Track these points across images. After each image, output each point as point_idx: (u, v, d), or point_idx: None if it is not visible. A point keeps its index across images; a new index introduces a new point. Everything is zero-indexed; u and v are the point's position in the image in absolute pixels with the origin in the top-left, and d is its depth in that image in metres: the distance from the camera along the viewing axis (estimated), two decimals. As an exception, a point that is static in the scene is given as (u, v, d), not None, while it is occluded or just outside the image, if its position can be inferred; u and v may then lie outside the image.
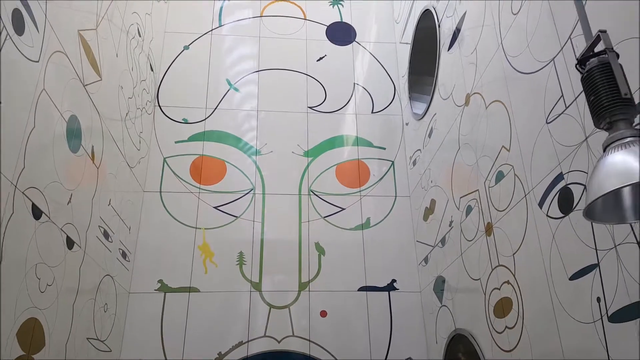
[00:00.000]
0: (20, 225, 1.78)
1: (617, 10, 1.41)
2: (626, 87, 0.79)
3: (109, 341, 2.73)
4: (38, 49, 1.92)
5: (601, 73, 0.80)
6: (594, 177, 0.77)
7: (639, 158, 0.69)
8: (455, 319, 2.63)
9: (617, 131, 0.80)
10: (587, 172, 1.53)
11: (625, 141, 0.76)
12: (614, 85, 0.78)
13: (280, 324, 3.08)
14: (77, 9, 2.31)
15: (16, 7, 1.77)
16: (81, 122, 2.33)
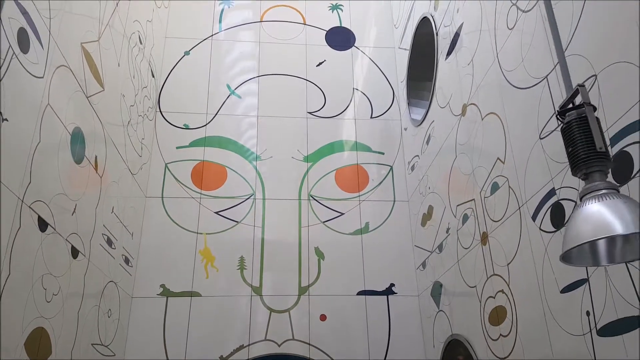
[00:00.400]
0: (27, 239, 1.83)
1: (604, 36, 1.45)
2: (601, 141, 0.84)
3: (112, 346, 2.79)
4: (42, 65, 1.97)
5: (579, 126, 0.84)
6: (571, 226, 0.81)
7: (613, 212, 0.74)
8: (452, 324, 2.69)
9: (593, 182, 0.84)
10: (578, 189, 1.58)
11: (600, 193, 0.81)
12: (590, 138, 0.83)
13: (280, 328, 3.14)
14: (79, 21, 2.35)
15: (21, 26, 1.81)
16: (84, 133, 2.38)
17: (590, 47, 1.54)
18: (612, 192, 0.82)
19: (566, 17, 1.66)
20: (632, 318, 1.33)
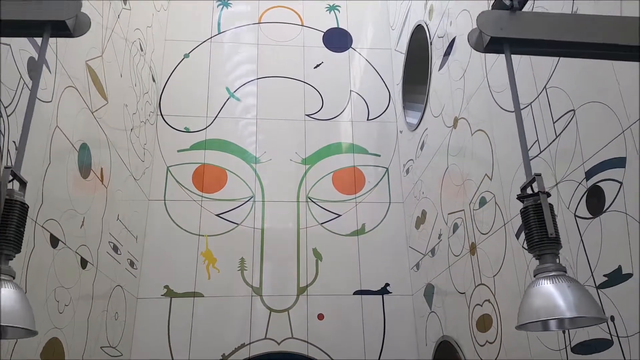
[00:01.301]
0: (40, 257, 1.94)
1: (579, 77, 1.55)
2: (552, 228, 0.94)
3: (120, 346, 2.92)
4: (51, 89, 2.06)
5: (534, 212, 0.95)
6: (526, 302, 0.93)
7: (561, 295, 0.85)
8: (443, 325, 2.82)
9: (545, 264, 0.95)
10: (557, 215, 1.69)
11: (550, 274, 0.92)
12: (543, 225, 0.94)
13: (280, 327, 3.28)
14: (84, 39, 2.43)
15: (31, 56, 1.90)
16: (90, 147, 2.48)
17: (570, 83, 1.63)
18: (561, 274, 0.93)
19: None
20: (603, 340, 1.45)
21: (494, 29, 0.97)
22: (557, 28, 1.01)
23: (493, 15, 0.99)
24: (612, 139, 1.42)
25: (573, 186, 1.60)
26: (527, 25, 1.01)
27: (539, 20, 1.07)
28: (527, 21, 1.01)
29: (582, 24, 1.01)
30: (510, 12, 1.00)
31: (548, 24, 1.04)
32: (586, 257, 1.53)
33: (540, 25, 1.03)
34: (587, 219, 1.53)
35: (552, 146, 1.73)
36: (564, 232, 1.65)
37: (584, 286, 0.93)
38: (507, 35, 0.99)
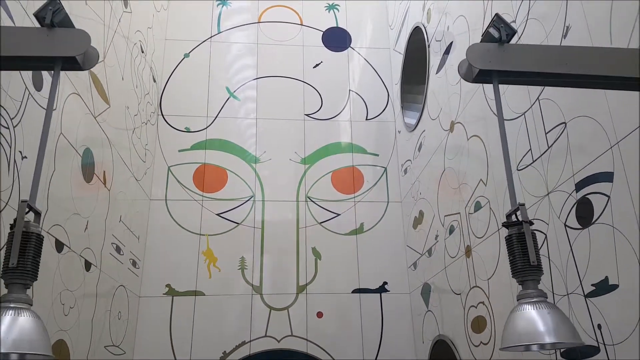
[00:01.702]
0: (46, 263, 2.00)
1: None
2: (535, 257, 0.99)
3: (122, 345, 2.99)
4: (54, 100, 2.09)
5: (518, 241, 1.00)
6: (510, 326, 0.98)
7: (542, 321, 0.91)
8: (439, 324, 2.88)
9: (527, 289, 1.01)
10: (548, 224, 1.74)
11: (532, 300, 0.97)
12: (526, 253, 0.99)
13: (279, 325, 3.34)
14: (86, 46, 2.47)
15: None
16: (93, 152, 2.52)
17: (561, 96, 1.68)
18: (542, 300, 0.99)
19: (542, 62, 1.79)
20: (590, 347, 1.50)
21: (483, 62, 1.01)
22: (543, 60, 1.05)
23: (482, 49, 1.04)
24: (600, 153, 1.46)
25: (564, 197, 1.65)
26: (514, 57, 1.05)
27: (526, 52, 1.12)
28: (514, 53, 1.06)
29: (568, 55, 1.05)
30: (498, 45, 1.04)
31: (535, 56, 1.09)
32: (575, 266, 1.58)
33: (527, 58, 1.07)
34: (577, 229, 1.58)
35: (544, 156, 1.78)
36: (555, 240, 1.70)
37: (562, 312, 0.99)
38: (495, 68, 1.03)
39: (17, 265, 0.90)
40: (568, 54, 1.05)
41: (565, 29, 1.66)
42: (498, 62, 1.02)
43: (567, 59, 1.03)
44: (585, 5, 1.56)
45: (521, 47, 1.12)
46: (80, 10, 2.37)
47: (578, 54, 1.08)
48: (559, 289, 1.67)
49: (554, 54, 1.08)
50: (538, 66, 1.05)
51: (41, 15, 1.01)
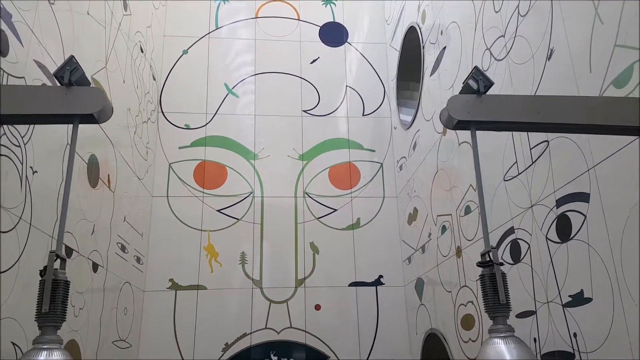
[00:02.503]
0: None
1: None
2: (504, 296, 1.10)
3: (129, 338, 3.12)
4: (62, 111, 2.18)
5: (490, 281, 1.10)
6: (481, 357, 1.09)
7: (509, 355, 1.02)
8: (431, 318, 3.01)
9: (497, 325, 1.11)
10: (532, 234, 1.85)
11: (502, 335, 1.08)
12: (497, 292, 1.09)
13: (279, 317, 3.48)
14: (89, 55, 2.54)
15: (44, 83, 2.02)
16: (98, 157, 2.61)
17: (544, 114, 1.77)
18: (510, 334, 1.10)
19: (528, 79, 1.88)
20: (567, 353, 1.62)
21: (462, 113, 1.10)
22: (518, 110, 1.14)
23: (461, 100, 1.12)
24: (578, 175, 1.56)
25: (545, 211, 1.75)
26: (491, 108, 1.14)
27: (502, 102, 1.20)
28: (491, 104, 1.14)
29: (540, 105, 1.14)
30: (477, 96, 1.13)
31: (510, 106, 1.17)
32: (555, 276, 1.70)
33: (503, 108, 1.16)
34: (557, 242, 1.68)
35: (528, 170, 1.87)
36: (537, 250, 1.81)
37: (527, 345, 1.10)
38: (473, 119, 1.12)
39: (48, 311, 1.00)
40: (541, 103, 1.14)
41: (549, 52, 1.74)
42: (476, 112, 1.11)
43: (539, 109, 1.11)
44: (568, 30, 1.64)
45: (498, 97, 1.20)
46: (82, 21, 2.44)
47: (550, 103, 1.17)
48: (539, 296, 1.79)
49: (528, 103, 1.16)
50: (513, 116, 1.14)
51: (60, 74, 1.10)
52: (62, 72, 1.09)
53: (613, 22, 1.42)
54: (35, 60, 1.96)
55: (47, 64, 2.06)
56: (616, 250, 1.40)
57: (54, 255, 1.09)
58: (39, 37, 1.99)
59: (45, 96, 1.10)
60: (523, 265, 1.91)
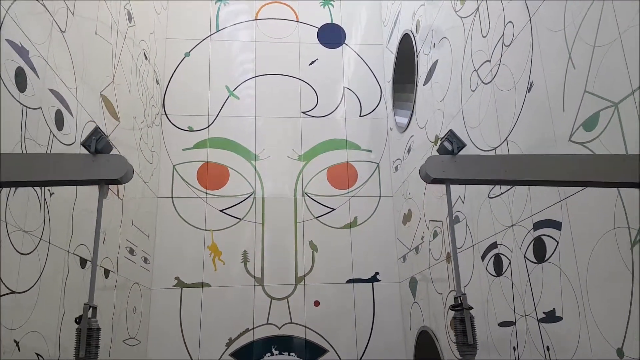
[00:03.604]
0: (73, 280, 2.27)
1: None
2: (471, 337, 1.25)
3: (138, 335, 3.30)
4: (73, 131, 2.32)
5: (460, 323, 1.25)
6: None
7: None
8: (423, 316, 3.19)
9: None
10: (512, 251, 2.00)
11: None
12: (465, 334, 1.24)
13: (280, 313, 3.66)
14: (97, 72, 2.66)
15: (58, 109, 2.15)
16: (107, 169, 2.75)
17: (525, 140, 1.91)
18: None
19: (510, 107, 2.01)
20: (540, 362, 1.79)
21: (437, 172, 1.24)
22: (487, 168, 1.28)
23: (437, 160, 1.26)
24: (552, 203, 1.71)
25: (524, 232, 1.90)
26: (463, 167, 1.28)
27: (473, 162, 1.34)
28: (464, 164, 1.28)
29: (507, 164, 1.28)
30: (451, 156, 1.26)
31: (481, 165, 1.31)
32: (532, 293, 1.86)
33: (474, 167, 1.30)
34: (533, 262, 1.84)
35: (510, 192, 2.02)
36: (517, 267, 1.97)
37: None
38: (447, 177, 1.26)
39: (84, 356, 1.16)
40: (507, 163, 1.28)
41: (529, 84, 1.88)
42: (450, 171, 1.25)
43: (506, 167, 1.25)
44: (545, 68, 1.77)
45: (469, 157, 1.34)
46: (90, 42, 2.56)
47: (515, 162, 1.31)
48: (518, 309, 1.95)
49: (496, 163, 1.30)
50: (482, 174, 1.28)
51: (87, 144, 1.24)
52: (89, 142, 1.23)
53: (584, 69, 1.55)
54: (51, 89, 2.10)
55: (61, 91, 2.19)
56: (583, 277, 1.55)
57: (88, 307, 1.25)
58: (53, 66, 2.12)
59: (75, 164, 1.24)
60: (505, 278, 2.07)
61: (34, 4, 1.99)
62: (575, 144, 1.58)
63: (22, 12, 1.88)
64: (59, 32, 2.20)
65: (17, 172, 1.19)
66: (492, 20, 2.21)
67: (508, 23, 2.05)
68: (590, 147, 1.50)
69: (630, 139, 1.34)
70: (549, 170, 1.24)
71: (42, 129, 2.02)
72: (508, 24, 2.05)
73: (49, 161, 1.27)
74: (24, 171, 1.20)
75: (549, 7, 1.76)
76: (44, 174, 1.22)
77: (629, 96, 1.35)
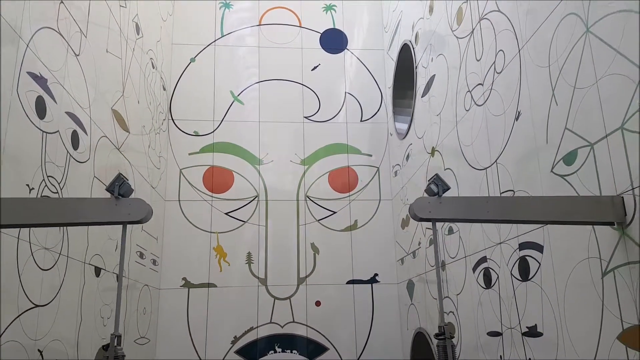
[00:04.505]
0: (89, 288, 2.42)
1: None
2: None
3: (147, 334, 3.47)
4: (88, 151, 2.45)
5: (442, 351, 1.39)
6: None
7: None
8: (420, 318, 3.34)
9: None
10: (500, 267, 2.14)
11: None
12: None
13: (283, 312, 3.82)
14: (109, 88, 2.79)
15: (74, 130, 2.28)
16: (119, 180, 2.89)
17: (511, 165, 2.03)
18: None
19: (500, 132, 2.13)
20: (523, 372, 1.94)
21: (424, 212, 1.37)
22: (470, 209, 1.41)
23: (424, 201, 1.39)
24: (536, 227, 1.84)
25: (511, 250, 2.04)
26: (448, 207, 1.40)
27: (457, 203, 1.47)
28: (448, 204, 1.41)
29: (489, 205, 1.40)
30: (437, 197, 1.39)
31: (464, 206, 1.44)
32: (517, 308, 2.00)
33: (458, 208, 1.43)
34: (519, 280, 1.98)
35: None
36: (504, 282, 2.10)
37: None
38: (433, 217, 1.39)
39: None
40: (488, 204, 1.41)
41: (517, 113, 2.00)
42: (436, 211, 1.38)
43: (488, 208, 1.38)
44: (532, 100, 1.89)
45: (453, 199, 1.46)
46: (102, 60, 2.68)
47: (496, 203, 1.44)
48: (505, 321, 2.09)
49: (478, 205, 1.43)
50: (466, 215, 1.41)
51: (111, 189, 1.37)
52: (113, 187, 1.36)
53: (565, 107, 1.67)
54: (67, 112, 2.23)
55: (76, 112, 2.32)
56: (561, 298, 1.69)
57: (115, 338, 1.39)
58: (68, 90, 2.25)
59: (101, 207, 1.38)
60: (493, 291, 2.21)
61: (50, 32, 2.11)
62: (556, 176, 1.70)
63: (40, 42, 2.00)
64: (74, 56, 2.32)
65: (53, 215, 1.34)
66: (485, 46, 2.32)
67: (499, 51, 2.17)
68: (569, 180, 1.63)
69: (604, 179, 1.47)
70: (528, 211, 1.37)
71: (59, 150, 2.15)
72: (499, 52, 2.17)
73: (80, 205, 1.41)
74: (59, 214, 1.35)
75: (536, 42, 1.87)
76: (75, 216, 1.37)
77: (603, 139, 1.47)
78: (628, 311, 1.36)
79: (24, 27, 1.88)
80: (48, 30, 2.08)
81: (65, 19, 2.23)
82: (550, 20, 1.77)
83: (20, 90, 1.84)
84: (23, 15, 1.87)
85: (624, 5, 1.39)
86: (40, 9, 2.01)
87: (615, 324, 1.41)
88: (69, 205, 1.42)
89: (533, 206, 1.39)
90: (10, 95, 1.76)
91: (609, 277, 1.44)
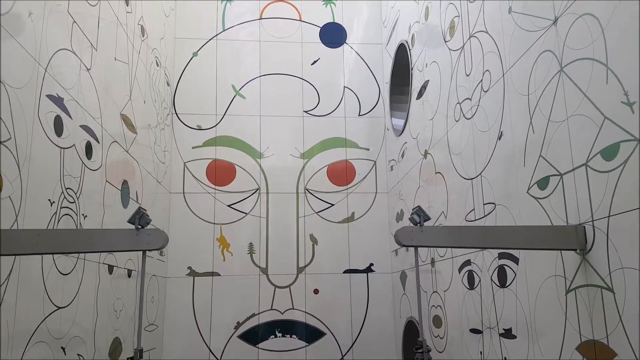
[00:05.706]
0: (104, 286, 2.62)
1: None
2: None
3: (155, 320, 3.69)
4: (100, 159, 2.61)
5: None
6: None
7: None
8: (411, 308, 3.56)
9: None
10: (482, 271, 2.33)
11: None
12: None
13: (283, 300, 4.04)
14: (118, 92, 2.93)
15: (88, 141, 2.44)
16: (129, 181, 3.06)
17: (494, 179, 2.20)
18: None
19: (484, 149, 2.29)
20: (499, 369, 2.15)
21: (407, 240, 1.55)
22: (449, 237, 1.58)
23: (407, 230, 1.56)
24: (513, 241, 2.01)
25: (491, 258, 2.22)
26: (429, 236, 1.57)
27: (437, 232, 1.64)
28: (428, 233, 1.58)
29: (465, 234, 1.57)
30: (419, 226, 1.56)
31: (443, 234, 1.61)
32: (495, 311, 2.19)
33: (438, 236, 1.60)
34: (497, 286, 2.17)
35: (480, 220, 2.33)
36: (485, 287, 2.30)
37: None
38: (415, 244, 1.56)
39: None
40: (464, 233, 1.58)
41: (500, 133, 2.15)
42: (418, 239, 1.55)
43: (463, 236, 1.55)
44: (512, 124, 2.05)
45: (433, 228, 1.64)
46: (111, 69, 2.81)
47: (473, 233, 1.61)
48: (485, 321, 2.29)
49: (455, 234, 1.60)
50: (444, 242, 1.59)
51: (132, 221, 1.55)
52: (134, 220, 1.54)
53: (540, 136, 1.83)
54: (81, 126, 2.38)
55: (89, 123, 2.48)
56: (532, 308, 1.88)
57: (138, 352, 1.59)
58: (82, 104, 2.40)
59: (123, 237, 1.55)
60: (475, 293, 2.40)
61: (65, 53, 2.25)
62: (531, 197, 1.87)
63: (56, 64, 2.14)
64: (86, 71, 2.46)
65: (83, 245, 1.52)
66: (474, 63, 2.46)
67: (486, 71, 2.31)
68: (542, 203, 1.80)
69: (570, 207, 1.64)
70: (500, 240, 1.55)
71: (75, 162, 2.31)
72: (486, 71, 2.31)
73: (106, 236, 1.59)
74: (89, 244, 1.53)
75: (519, 69, 2.02)
76: (102, 246, 1.55)
77: (571, 171, 1.64)
78: (585, 327, 1.55)
79: (42, 53, 2.03)
80: (63, 51, 2.22)
81: (78, 37, 2.37)
82: (529, 54, 1.91)
83: (40, 112, 1.99)
84: (42, 42, 2.01)
85: (591, 52, 1.53)
86: (56, 31, 2.15)
87: (574, 336, 1.61)
88: (97, 236, 1.60)
89: (504, 235, 1.57)
90: (32, 121, 1.92)
91: (572, 295, 1.63)
